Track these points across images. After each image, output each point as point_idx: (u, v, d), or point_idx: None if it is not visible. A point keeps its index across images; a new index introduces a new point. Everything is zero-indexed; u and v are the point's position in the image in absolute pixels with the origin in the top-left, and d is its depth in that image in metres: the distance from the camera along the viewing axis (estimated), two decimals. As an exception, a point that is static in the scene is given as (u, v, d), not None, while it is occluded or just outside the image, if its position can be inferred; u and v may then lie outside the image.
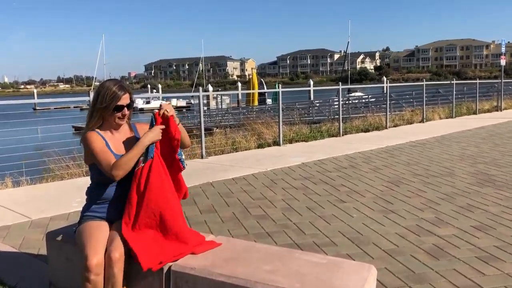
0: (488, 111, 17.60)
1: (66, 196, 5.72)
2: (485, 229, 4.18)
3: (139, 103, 48.01)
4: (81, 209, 2.72)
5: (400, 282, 3.14)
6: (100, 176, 2.60)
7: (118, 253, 2.38)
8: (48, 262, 2.96)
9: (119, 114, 2.61)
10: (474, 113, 16.63)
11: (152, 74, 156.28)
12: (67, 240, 2.75)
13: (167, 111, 2.59)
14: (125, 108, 2.62)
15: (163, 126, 2.59)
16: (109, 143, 2.61)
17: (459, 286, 3.07)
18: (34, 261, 3.66)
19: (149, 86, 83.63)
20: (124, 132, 2.73)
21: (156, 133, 2.57)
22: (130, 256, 2.43)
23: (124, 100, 2.61)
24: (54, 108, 51.27)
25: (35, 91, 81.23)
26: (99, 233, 2.49)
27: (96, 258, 2.34)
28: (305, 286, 2.15)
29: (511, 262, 3.45)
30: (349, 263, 2.47)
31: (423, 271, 3.32)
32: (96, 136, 2.60)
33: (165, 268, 2.41)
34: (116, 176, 2.51)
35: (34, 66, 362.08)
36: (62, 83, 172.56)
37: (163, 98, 54.28)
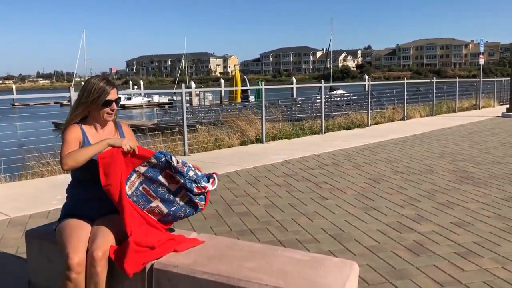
0: (467, 109, 17.91)
1: (46, 193, 5.63)
2: (464, 226, 4.26)
3: (121, 99, 47.47)
4: (61, 206, 2.68)
5: (381, 279, 3.18)
6: (79, 172, 2.56)
7: (101, 251, 2.33)
8: (27, 261, 2.91)
9: (107, 110, 2.59)
10: (454, 111, 16.91)
11: (134, 70, 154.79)
12: (47, 238, 2.70)
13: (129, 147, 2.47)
14: (114, 103, 2.61)
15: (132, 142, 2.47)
16: (89, 138, 2.58)
17: (439, 281, 3.12)
18: (12, 260, 3.60)
19: (130, 82, 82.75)
20: (109, 130, 2.70)
21: (121, 141, 2.46)
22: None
23: (112, 95, 2.59)
24: (34, 104, 50.25)
25: (13, 86, 79.69)
26: (80, 231, 2.45)
27: (77, 257, 2.30)
28: (288, 284, 2.15)
29: (489, 257, 3.52)
30: (331, 260, 2.48)
31: (404, 267, 3.37)
32: (75, 129, 2.56)
33: (147, 266, 2.39)
34: (64, 164, 2.40)
35: (12, 61, 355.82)
36: (41, 79, 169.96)
37: (145, 95, 53.87)
